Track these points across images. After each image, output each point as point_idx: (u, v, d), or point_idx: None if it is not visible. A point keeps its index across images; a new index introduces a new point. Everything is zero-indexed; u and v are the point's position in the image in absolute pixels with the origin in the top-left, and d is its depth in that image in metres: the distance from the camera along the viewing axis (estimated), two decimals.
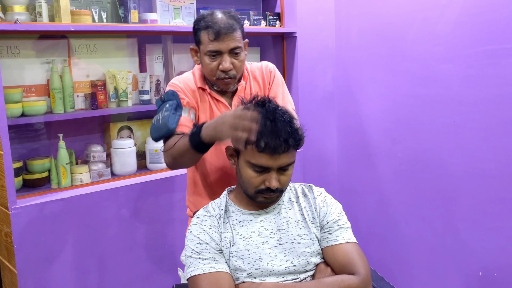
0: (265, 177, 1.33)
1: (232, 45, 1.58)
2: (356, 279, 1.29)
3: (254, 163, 1.32)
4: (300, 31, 2.74)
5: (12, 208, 1.91)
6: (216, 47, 1.58)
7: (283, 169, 1.34)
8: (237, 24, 1.60)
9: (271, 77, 1.76)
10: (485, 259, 2.20)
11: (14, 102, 2.01)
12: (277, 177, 1.33)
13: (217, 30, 1.56)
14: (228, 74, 1.61)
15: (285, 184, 1.36)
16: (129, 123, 2.45)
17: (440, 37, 2.28)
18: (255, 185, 1.34)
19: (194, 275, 1.29)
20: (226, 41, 1.57)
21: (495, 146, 2.11)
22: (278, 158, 1.30)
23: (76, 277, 2.10)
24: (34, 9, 2.04)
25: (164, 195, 2.32)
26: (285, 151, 1.30)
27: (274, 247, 1.35)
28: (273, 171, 1.32)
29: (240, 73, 1.66)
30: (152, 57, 2.49)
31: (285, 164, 1.32)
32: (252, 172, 1.33)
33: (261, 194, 1.35)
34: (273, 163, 1.31)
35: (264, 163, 1.31)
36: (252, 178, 1.33)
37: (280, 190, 1.36)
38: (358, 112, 2.79)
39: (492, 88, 2.10)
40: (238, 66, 1.62)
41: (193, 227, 1.37)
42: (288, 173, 1.36)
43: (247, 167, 1.34)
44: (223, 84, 1.65)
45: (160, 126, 1.58)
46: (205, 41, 1.59)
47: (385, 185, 2.66)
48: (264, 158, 1.30)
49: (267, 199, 1.36)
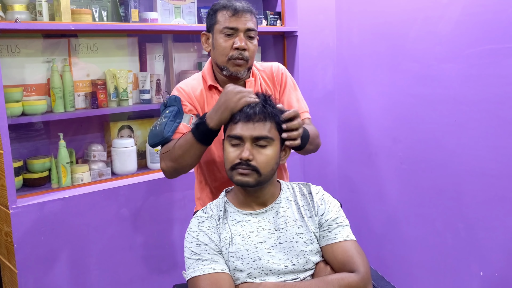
0: (240, 150, 1.34)
1: (249, 26, 1.60)
2: (356, 276, 1.28)
3: (230, 135, 1.35)
4: (301, 30, 2.74)
5: (12, 207, 1.91)
6: (234, 23, 1.59)
7: (259, 145, 1.34)
8: (254, 11, 1.64)
9: (282, 79, 1.76)
10: (486, 258, 2.20)
11: (15, 101, 2.01)
12: (250, 150, 1.32)
13: (236, 8, 1.59)
14: (242, 55, 1.60)
15: (261, 163, 1.33)
16: (129, 122, 2.45)
17: (441, 36, 2.27)
18: (231, 159, 1.34)
19: (194, 277, 1.28)
20: (243, 20, 1.59)
21: (496, 146, 2.10)
22: (251, 127, 1.32)
23: (76, 276, 2.10)
24: (35, 8, 2.04)
25: (164, 194, 2.32)
26: (259, 120, 1.33)
27: (273, 246, 1.35)
28: (247, 143, 1.33)
29: (252, 59, 1.65)
30: (152, 56, 2.49)
31: (258, 135, 1.33)
32: (229, 147, 1.36)
33: (236, 170, 1.33)
34: (246, 132, 1.33)
35: (239, 132, 1.33)
36: (229, 154, 1.35)
37: (254, 168, 1.32)
38: (359, 111, 2.78)
39: (493, 87, 2.09)
40: (251, 50, 1.62)
41: (191, 229, 1.37)
42: (266, 153, 1.34)
43: (227, 144, 1.37)
44: (234, 66, 1.62)
45: (156, 132, 1.57)
46: (222, 19, 1.60)
47: (386, 184, 2.66)
48: (238, 127, 1.34)
49: (242, 177, 1.33)
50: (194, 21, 2.48)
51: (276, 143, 1.37)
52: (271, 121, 1.35)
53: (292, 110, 1.40)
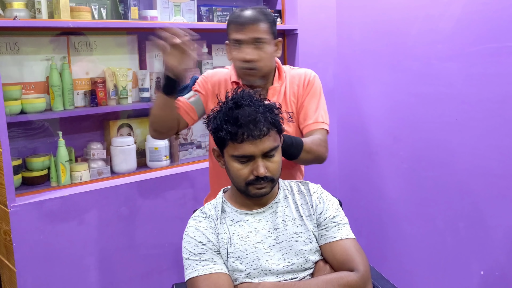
0: (252, 166, 1.31)
1: (254, 35, 1.62)
2: (355, 275, 1.27)
3: (237, 155, 1.30)
4: (301, 29, 2.73)
5: (11, 206, 1.90)
6: (239, 35, 1.62)
7: (268, 156, 1.32)
8: (264, 18, 1.65)
9: (309, 85, 1.77)
10: (487, 258, 2.19)
11: (13, 99, 2.00)
12: (263, 164, 1.31)
13: (240, 21, 1.62)
14: (250, 66, 1.63)
15: (274, 172, 1.33)
16: (129, 121, 2.44)
17: (443, 34, 2.26)
18: (244, 177, 1.32)
19: (193, 277, 1.28)
20: (247, 31, 1.62)
21: (498, 145, 2.10)
22: (259, 143, 1.29)
23: (75, 275, 2.09)
24: (34, 5, 2.03)
25: (163, 193, 2.31)
26: (264, 134, 1.29)
27: (272, 246, 1.34)
28: (258, 158, 1.30)
29: (265, 67, 1.67)
30: (152, 54, 2.48)
31: (268, 148, 1.30)
32: (238, 165, 1.32)
33: (252, 185, 1.32)
34: (256, 149, 1.29)
35: (247, 152, 1.29)
36: (239, 171, 1.32)
37: (271, 179, 1.33)
38: (359, 109, 2.77)
39: (494, 86, 2.08)
40: (261, 58, 1.64)
41: (189, 229, 1.36)
42: (275, 160, 1.33)
43: (232, 161, 1.32)
44: (245, 75, 1.67)
45: None
46: (231, 32, 1.65)
47: (387, 183, 2.65)
48: (246, 147, 1.29)
49: (259, 190, 1.33)
50: (193, 19, 2.47)
51: (279, 146, 1.37)
52: (273, 129, 1.33)
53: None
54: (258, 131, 1.27)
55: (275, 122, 1.33)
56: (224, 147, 1.34)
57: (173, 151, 2.52)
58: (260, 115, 1.29)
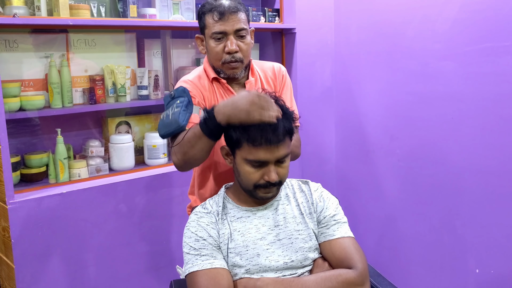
0: (264, 171, 1.32)
1: (238, 26, 1.56)
2: (353, 273, 1.29)
3: (251, 159, 1.31)
4: (299, 28, 2.74)
5: (9, 202, 1.91)
6: (221, 28, 1.55)
7: (280, 161, 1.33)
8: (242, 7, 1.59)
9: (283, 80, 1.74)
10: (482, 256, 2.21)
11: (12, 96, 2.00)
12: (275, 170, 1.32)
13: (222, 10, 1.54)
14: (235, 57, 1.58)
15: (283, 177, 1.36)
16: (127, 118, 2.45)
17: (439, 34, 2.28)
18: (254, 180, 1.33)
19: (193, 272, 1.29)
20: (231, 22, 1.55)
21: (493, 143, 2.11)
22: (275, 150, 1.30)
23: (73, 271, 2.10)
24: (33, 3, 2.03)
25: (162, 190, 2.32)
26: (281, 141, 1.30)
27: (272, 243, 1.35)
28: (271, 164, 1.31)
29: (247, 58, 1.62)
30: (150, 52, 2.48)
31: (283, 155, 1.32)
32: (250, 168, 1.32)
33: (261, 189, 1.34)
34: (271, 156, 1.30)
35: (262, 157, 1.30)
36: (251, 174, 1.33)
37: (279, 183, 1.35)
38: (357, 108, 2.79)
39: (490, 85, 2.10)
40: (244, 49, 1.59)
41: (190, 224, 1.37)
42: (285, 165, 1.35)
43: (245, 164, 1.33)
44: (229, 68, 1.60)
45: (170, 122, 1.47)
46: (210, 23, 1.57)
47: (383, 181, 2.66)
48: (262, 152, 1.29)
49: (267, 193, 1.35)
50: (192, 17, 2.48)
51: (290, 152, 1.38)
52: (288, 137, 1.34)
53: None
54: (276, 137, 1.28)
55: (291, 130, 1.34)
56: (237, 148, 1.33)
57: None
58: (280, 122, 1.30)
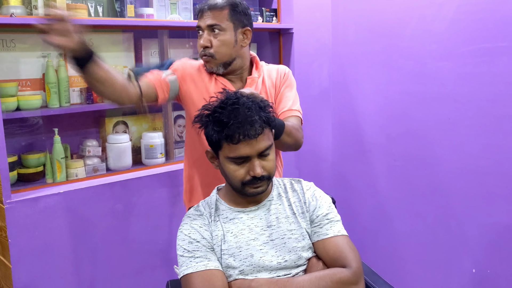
0: (248, 167, 1.31)
1: (209, 22, 1.64)
2: (347, 271, 1.29)
3: (233, 157, 1.30)
4: (297, 28, 2.74)
5: (6, 202, 1.91)
6: (199, 22, 1.66)
7: (263, 155, 1.32)
8: (226, 5, 1.64)
9: (284, 77, 1.78)
10: (478, 255, 2.22)
11: (9, 96, 2.00)
12: (259, 164, 1.31)
13: (201, 7, 1.66)
14: (205, 52, 1.66)
15: (270, 170, 1.34)
16: (124, 118, 2.45)
17: (436, 35, 2.28)
18: (240, 177, 1.32)
19: (187, 274, 1.29)
20: (205, 17, 1.64)
21: (489, 143, 2.12)
22: (255, 143, 1.29)
23: (70, 271, 2.10)
24: (30, 2, 2.03)
25: (159, 190, 2.32)
26: (259, 133, 1.29)
27: (265, 243, 1.35)
28: (254, 159, 1.31)
29: (219, 54, 1.65)
30: (148, 51, 2.48)
31: (264, 148, 1.31)
32: (234, 166, 1.32)
33: (249, 185, 1.33)
34: (252, 150, 1.29)
35: (243, 153, 1.29)
36: (236, 172, 1.32)
37: (267, 177, 1.34)
38: (354, 108, 2.79)
39: (486, 86, 2.11)
40: (216, 45, 1.64)
41: (183, 227, 1.37)
42: (270, 158, 1.34)
43: (228, 163, 1.32)
44: (205, 62, 1.70)
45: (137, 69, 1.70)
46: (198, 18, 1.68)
47: (380, 181, 2.67)
48: (242, 148, 1.29)
49: (256, 189, 1.34)
50: (190, 17, 2.48)
51: (273, 144, 1.37)
52: (267, 127, 1.33)
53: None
54: (253, 131, 1.27)
55: (269, 120, 1.33)
56: (219, 149, 1.34)
57: (169, 149, 2.53)
58: (255, 115, 1.29)
